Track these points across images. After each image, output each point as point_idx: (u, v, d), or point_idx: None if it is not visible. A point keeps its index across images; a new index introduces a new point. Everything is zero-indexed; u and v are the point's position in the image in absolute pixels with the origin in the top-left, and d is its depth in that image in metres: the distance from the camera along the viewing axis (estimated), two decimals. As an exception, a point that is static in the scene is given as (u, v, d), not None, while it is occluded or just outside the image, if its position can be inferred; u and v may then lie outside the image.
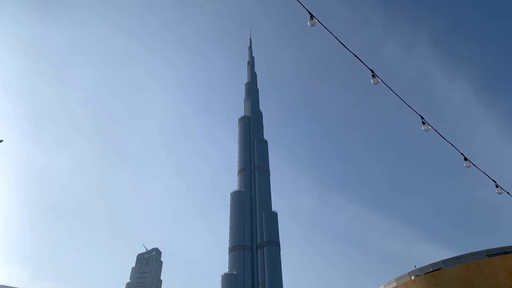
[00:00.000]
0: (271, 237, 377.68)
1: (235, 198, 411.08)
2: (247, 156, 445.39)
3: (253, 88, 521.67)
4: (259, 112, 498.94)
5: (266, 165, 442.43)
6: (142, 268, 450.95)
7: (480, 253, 69.05)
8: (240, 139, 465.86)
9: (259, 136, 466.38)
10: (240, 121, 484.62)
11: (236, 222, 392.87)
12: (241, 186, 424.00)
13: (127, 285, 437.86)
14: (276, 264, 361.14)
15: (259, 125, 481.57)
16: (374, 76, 19.90)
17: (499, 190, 23.49)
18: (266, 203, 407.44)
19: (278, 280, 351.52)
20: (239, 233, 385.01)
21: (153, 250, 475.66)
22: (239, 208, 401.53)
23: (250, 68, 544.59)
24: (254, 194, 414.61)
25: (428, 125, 21.49)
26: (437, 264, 70.78)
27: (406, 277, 71.44)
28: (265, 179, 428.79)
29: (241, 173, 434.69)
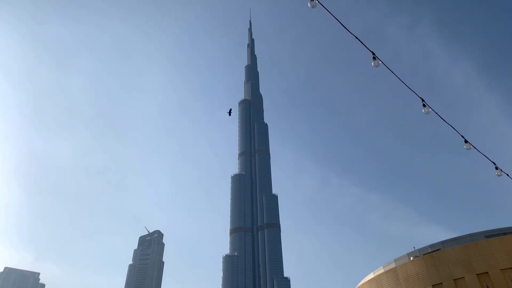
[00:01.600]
0: (272, 219, 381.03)
1: (236, 181, 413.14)
2: (247, 140, 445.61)
3: (253, 71, 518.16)
4: (259, 96, 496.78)
5: (267, 148, 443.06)
6: (144, 250, 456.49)
7: (478, 234, 69.69)
8: (240, 123, 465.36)
9: (260, 120, 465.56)
10: (240, 105, 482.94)
11: (237, 204, 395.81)
12: (241, 169, 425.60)
13: (130, 266, 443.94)
14: (277, 246, 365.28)
15: (259, 109, 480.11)
16: (375, 58, 19.76)
17: (498, 172, 23.58)
18: (267, 186, 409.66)
19: (279, 261, 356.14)
20: (240, 216, 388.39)
21: (155, 232, 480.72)
22: (239, 191, 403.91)
23: (250, 50, 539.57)
24: (254, 177, 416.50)
25: (428, 107, 21.43)
26: (435, 245, 71.48)
27: (405, 258, 72.26)
28: (266, 162, 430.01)
29: (242, 156, 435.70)
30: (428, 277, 62.47)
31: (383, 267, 75.44)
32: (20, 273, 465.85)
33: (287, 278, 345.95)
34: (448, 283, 60.14)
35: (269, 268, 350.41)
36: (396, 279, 66.50)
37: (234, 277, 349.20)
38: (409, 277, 64.59)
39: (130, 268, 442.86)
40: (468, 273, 59.59)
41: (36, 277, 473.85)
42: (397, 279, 66.38)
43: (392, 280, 66.98)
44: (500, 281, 57.10)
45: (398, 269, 67.38)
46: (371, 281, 71.50)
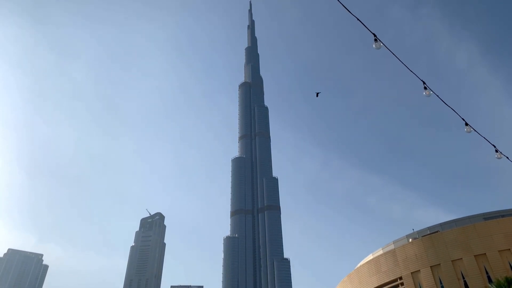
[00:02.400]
0: (272, 201, 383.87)
1: (236, 164, 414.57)
2: (248, 123, 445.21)
3: (253, 53, 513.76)
4: (260, 78, 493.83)
5: (267, 131, 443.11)
6: (146, 232, 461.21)
7: (477, 216, 70.28)
8: (240, 106, 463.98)
9: (260, 103, 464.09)
10: (240, 87, 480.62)
11: (238, 187, 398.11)
12: (242, 152, 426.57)
13: (132, 248, 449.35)
14: (277, 228, 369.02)
15: (259, 91, 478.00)
16: (376, 40, 19.58)
17: (498, 155, 23.65)
18: (267, 169, 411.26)
19: (279, 243, 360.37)
20: (240, 198, 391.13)
21: (156, 214, 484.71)
22: (240, 174, 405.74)
23: (250, 32, 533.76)
24: (255, 160, 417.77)
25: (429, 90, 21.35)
26: (434, 227, 72.20)
27: (404, 240, 73.05)
28: (266, 145, 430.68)
29: (242, 139, 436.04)
30: (426, 259, 63.29)
31: (382, 248, 76.36)
32: (24, 255, 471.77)
33: (287, 259, 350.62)
34: (446, 264, 60.97)
35: (269, 249, 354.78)
36: (394, 260, 67.38)
37: (234, 258, 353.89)
38: (407, 259, 65.45)
39: (132, 249, 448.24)
40: (466, 254, 60.33)
41: (39, 259, 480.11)
42: (395, 260, 67.25)
43: (391, 261, 67.86)
44: (497, 262, 57.84)
45: (397, 251, 68.20)
46: (370, 262, 72.47)
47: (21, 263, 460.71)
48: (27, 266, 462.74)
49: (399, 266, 65.97)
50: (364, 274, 71.92)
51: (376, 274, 69.12)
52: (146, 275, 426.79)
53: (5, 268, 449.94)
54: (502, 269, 55.50)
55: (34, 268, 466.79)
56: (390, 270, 66.94)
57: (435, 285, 60.22)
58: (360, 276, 73.10)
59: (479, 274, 57.63)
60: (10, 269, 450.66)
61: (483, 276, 57.31)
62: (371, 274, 70.36)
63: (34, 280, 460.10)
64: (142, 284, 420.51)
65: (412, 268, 63.98)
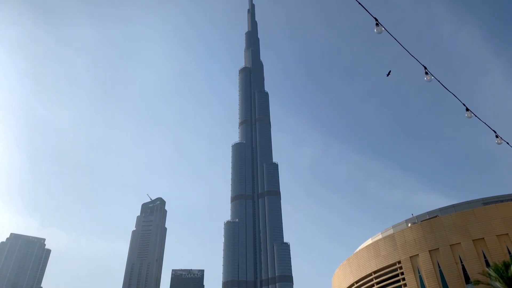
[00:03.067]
0: (272, 187, 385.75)
1: (237, 150, 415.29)
2: (248, 109, 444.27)
3: (254, 38, 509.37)
4: (260, 63, 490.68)
5: (267, 117, 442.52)
6: (147, 217, 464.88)
7: (476, 201, 70.71)
8: (240, 91, 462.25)
9: (260, 88, 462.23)
10: (240, 73, 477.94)
11: (238, 173, 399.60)
12: (242, 138, 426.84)
13: (133, 233, 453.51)
14: (277, 212, 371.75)
15: (260, 77, 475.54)
16: (378, 25, 19.38)
17: (498, 140, 23.62)
18: (267, 155, 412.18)
19: (279, 227, 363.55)
20: (240, 184, 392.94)
21: (157, 199, 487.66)
22: (240, 160, 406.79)
23: (251, 16, 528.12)
24: (255, 146, 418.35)
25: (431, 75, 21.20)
26: (433, 212, 72.72)
27: (403, 224, 73.64)
28: (266, 131, 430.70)
29: (242, 125, 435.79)
30: (425, 243, 63.87)
31: (381, 233, 77.02)
32: (26, 239, 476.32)
33: (286, 244, 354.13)
34: (444, 248, 61.56)
35: (269, 233, 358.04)
36: (393, 244, 68.01)
37: (235, 242, 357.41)
38: (406, 243, 66.06)
39: (133, 234, 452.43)
40: (464, 239, 60.85)
41: (42, 243, 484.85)
42: (394, 244, 67.88)
43: (390, 245, 68.50)
44: (495, 246, 58.37)
45: (396, 235, 68.79)
46: (369, 247, 73.18)
47: (24, 248, 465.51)
48: (29, 250, 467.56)
49: (398, 251, 66.64)
50: (363, 258, 72.70)
51: (375, 258, 69.86)
52: (147, 259, 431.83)
53: (8, 252, 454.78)
54: (500, 254, 56.07)
55: (37, 253, 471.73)
56: (389, 255, 67.65)
57: (434, 269, 60.92)
58: (359, 260, 73.90)
59: (477, 259, 58.24)
60: (12, 253, 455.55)
61: (481, 260, 57.92)
62: (370, 258, 71.11)
63: (37, 265, 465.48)
64: (143, 268, 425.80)
65: (410, 253, 64.65)
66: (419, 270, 62.72)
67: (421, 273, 62.27)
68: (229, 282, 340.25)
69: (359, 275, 72.44)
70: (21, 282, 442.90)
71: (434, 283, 60.05)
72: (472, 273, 56.38)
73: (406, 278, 63.69)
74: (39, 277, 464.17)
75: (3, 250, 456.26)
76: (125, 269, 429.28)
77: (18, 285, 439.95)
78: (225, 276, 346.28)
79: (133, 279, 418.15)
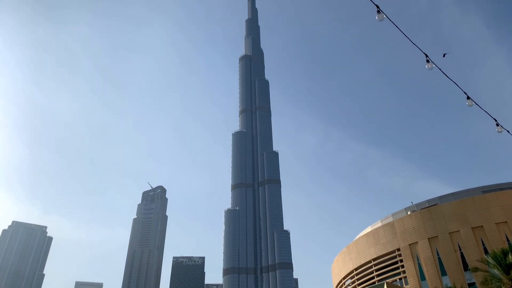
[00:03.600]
0: (272, 175, 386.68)
1: (237, 138, 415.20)
2: (248, 97, 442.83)
3: (254, 25, 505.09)
4: (260, 51, 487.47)
5: (267, 105, 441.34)
6: (147, 205, 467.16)
7: (476, 189, 70.97)
8: (241, 79, 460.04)
9: (260, 76, 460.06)
10: (240, 60, 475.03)
11: (238, 161, 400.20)
12: (242, 127, 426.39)
13: (134, 220, 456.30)
14: (277, 201, 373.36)
15: (260, 65, 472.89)
16: (379, 12, 19.19)
17: (499, 129, 23.58)
18: (267, 143, 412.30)
19: (279, 215, 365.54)
20: (241, 172, 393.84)
21: (158, 188, 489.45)
22: (240, 148, 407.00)
23: (251, 3, 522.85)
24: (255, 135, 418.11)
25: (432, 63, 21.09)
26: (433, 200, 73.05)
27: (403, 212, 74.05)
28: (266, 120, 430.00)
29: (242, 114, 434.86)
30: (424, 231, 64.30)
31: (380, 221, 77.45)
32: (28, 227, 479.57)
33: (286, 231, 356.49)
34: (443, 236, 61.99)
35: (269, 221, 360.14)
36: (393, 232, 68.46)
37: (235, 230, 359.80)
38: (405, 231, 66.50)
39: (134, 221, 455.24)
40: (463, 226, 61.24)
41: (43, 230, 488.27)
42: (394, 232, 68.34)
43: (389, 233, 68.97)
44: (494, 234, 58.75)
45: (395, 223, 69.20)
46: (369, 234, 73.70)
47: (26, 235, 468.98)
48: (31, 238, 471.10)
49: (397, 238, 67.14)
50: (363, 246, 73.29)
51: (375, 246, 70.42)
52: (148, 246, 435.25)
53: (10, 240, 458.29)
54: (499, 241, 56.48)
55: (39, 240, 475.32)
56: (388, 242, 68.18)
57: (432, 257, 61.45)
58: (358, 248, 74.51)
59: (476, 246, 58.71)
60: (15, 241, 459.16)
61: (480, 247, 58.38)
62: (369, 245, 71.67)
63: (39, 252, 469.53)
64: (144, 255, 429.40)
65: (410, 240, 65.15)
66: (418, 257, 63.28)
67: (420, 260, 62.84)
68: (230, 269, 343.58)
69: (359, 262, 73.12)
70: (23, 269, 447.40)
71: (433, 270, 60.63)
72: (470, 261, 56.87)
73: (405, 266, 64.30)
74: (41, 264, 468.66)
75: (5, 237, 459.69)
76: (126, 256, 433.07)
77: (21, 272, 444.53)
78: (225, 263, 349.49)
79: (134, 266, 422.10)
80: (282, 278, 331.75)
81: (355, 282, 72.96)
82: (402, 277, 64.09)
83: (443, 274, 59.41)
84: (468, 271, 56.80)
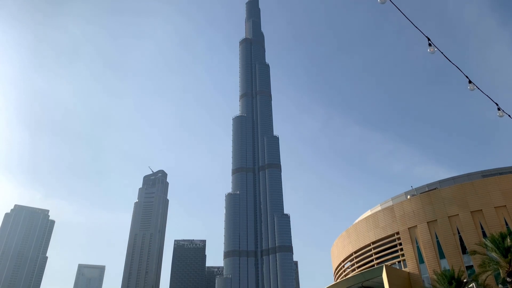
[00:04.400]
0: (272, 160, 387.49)
1: (237, 123, 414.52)
2: (249, 81, 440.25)
3: (255, 8, 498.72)
4: (261, 34, 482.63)
5: (268, 90, 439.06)
6: (148, 189, 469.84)
7: (475, 173, 71.17)
8: (241, 63, 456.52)
9: (261, 60, 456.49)
10: (241, 44, 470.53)
11: (239, 146, 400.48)
12: (243, 111, 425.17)
13: (135, 204, 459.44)
14: (277, 185, 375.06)
15: (260, 48, 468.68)
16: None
17: (500, 113, 23.50)
18: (268, 128, 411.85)
19: (279, 200, 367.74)
20: (241, 157, 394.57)
21: (159, 172, 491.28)
22: (241, 133, 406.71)
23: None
24: (256, 119, 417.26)
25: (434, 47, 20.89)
26: (433, 184, 73.33)
27: (402, 196, 74.44)
28: (267, 104, 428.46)
29: (243, 98, 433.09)
30: (423, 215, 64.76)
31: (380, 205, 77.94)
32: (30, 211, 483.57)
33: (286, 215, 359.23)
34: (442, 220, 62.46)
35: (269, 205, 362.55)
36: (392, 216, 68.97)
37: (236, 214, 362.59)
38: (405, 215, 66.97)
39: (135, 205, 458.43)
40: (462, 210, 61.63)
41: (46, 214, 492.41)
42: (393, 216, 68.83)
43: (389, 217, 69.48)
44: (493, 218, 59.16)
45: (395, 207, 69.64)
46: (368, 218, 74.24)
47: (28, 219, 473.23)
48: (34, 221, 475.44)
49: (396, 222, 67.66)
50: (362, 229, 73.91)
51: (374, 229, 71.03)
52: (150, 230, 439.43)
53: (13, 224, 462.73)
54: (497, 225, 56.92)
55: (41, 224, 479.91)
56: (388, 226, 68.73)
57: (431, 240, 62.03)
58: (358, 231, 75.15)
59: (475, 230, 59.18)
60: (17, 224, 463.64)
61: (478, 231, 58.86)
62: (369, 229, 72.28)
63: (42, 235, 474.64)
64: (146, 238, 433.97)
65: (409, 224, 65.66)
66: (417, 241, 63.87)
67: (418, 243, 63.46)
68: (231, 252, 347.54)
69: (358, 245, 73.83)
70: (26, 252, 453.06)
71: (431, 253, 61.29)
72: (469, 244, 57.41)
73: (404, 249, 64.96)
74: (44, 247, 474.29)
75: (8, 221, 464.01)
76: (128, 239, 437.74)
77: (24, 255, 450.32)
78: (226, 246, 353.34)
79: (136, 249, 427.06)
80: (282, 261, 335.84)
81: (354, 264, 73.84)
82: (401, 260, 64.82)
83: (441, 257, 60.06)
84: (467, 254, 57.40)
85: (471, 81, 22.23)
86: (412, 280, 61.40)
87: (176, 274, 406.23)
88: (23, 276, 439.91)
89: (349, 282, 65.97)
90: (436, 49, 20.85)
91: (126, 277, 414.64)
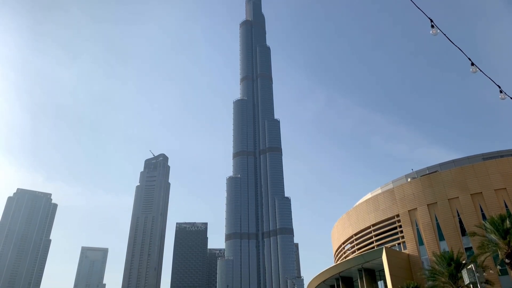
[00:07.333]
0: (273, 143, 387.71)
1: (238, 107, 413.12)
2: (249, 64, 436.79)
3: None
4: (262, 16, 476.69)
5: (269, 73, 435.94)
6: (150, 173, 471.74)
7: (476, 156, 71.25)
8: (241, 46, 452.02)
9: (262, 42, 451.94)
10: (241, 26, 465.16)
11: (239, 129, 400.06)
12: (243, 94, 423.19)
13: (137, 187, 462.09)
14: (278, 168, 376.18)
15: (261, 30, 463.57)
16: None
17: (502, 96, 23.38)
18: (269, 111, 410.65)
19: (280, 183, 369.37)
20: (242, 140, 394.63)
21: (160, 155, 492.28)
22: (242, 116, 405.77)
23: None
24: (256, 103, 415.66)
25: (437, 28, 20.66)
26: (433, 167, 73.49)
27: (403, 179, 74.69)
28: (268, 87, 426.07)
29: (244, 81, 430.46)
30: (423, 197, 65.11)
31: (380, 187, 78.29)
32: (33, 194, 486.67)
33: (287, 198, 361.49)
34: (442, 202, 62.82)
35: (270, 188, 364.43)
36: (392, 199, 69.36)
37: (237, 197, 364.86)
38: (405, 197, 67.34)
39: (137, 189, 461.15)
40: (462, 193, 61.92)
41: (48, 198, 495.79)
42: (393, 199, 69.23)
43: (389, 199, 69.87)
44: (492, 200, 59.48)
45: (395, 190, 69.97)
46: (369, 201, 74.69)
47: (31, 202, 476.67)
48: (36, 205, 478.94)
49: (396, 204, 68.10)
50: (363, 212, 74.45)
51: (374, 212, 71.55)
52: (152, 213, 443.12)
53: (15, 207, 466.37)
54: (497, 207, 57.26)
55: (44, 207, 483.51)
56: (388, 208, 69.22)
57: (431, 222, 62.54)
58: (358, 214, 75.73)
59: (474, 212, 59.59)
60: (20, 208, 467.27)
61: (478, 213, 59.27)
62: (369, 211, 72.81)
63: (44, 218, 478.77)
64: (148, 221, 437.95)
65: (409, 206, 66.10)
66: (417, 223, 64.41)
67: (418, 226, 64.01)
68: (232, 234, 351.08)
69: (358, 227, 74.50)
70: (30, 235, 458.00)
71: (431, 235, 61.87)
72: (468, 226, 57.89)
73: (404, 231, 65.56)
74: (47, 230, 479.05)
75: (10, 204, 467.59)
76: (130, 222, 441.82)
77: (28, 238, 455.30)
78: (228, 228, 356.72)
79: (139, 232, 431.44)
80: (283, 243, 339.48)
81: (354, 246, 74.64)
82: (401, 242, 65.49)
83: (441, 239, 60.66)
84: (466, 236, 57.94)
85: (473, 63, 22.06)
86: (412, 262, 62.17)
87: (178, 257, 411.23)
88: (27, 259, 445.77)
89: (349, 264, 66.83)
90: (438, 30, 20.62)
91: (128, 259, 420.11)
